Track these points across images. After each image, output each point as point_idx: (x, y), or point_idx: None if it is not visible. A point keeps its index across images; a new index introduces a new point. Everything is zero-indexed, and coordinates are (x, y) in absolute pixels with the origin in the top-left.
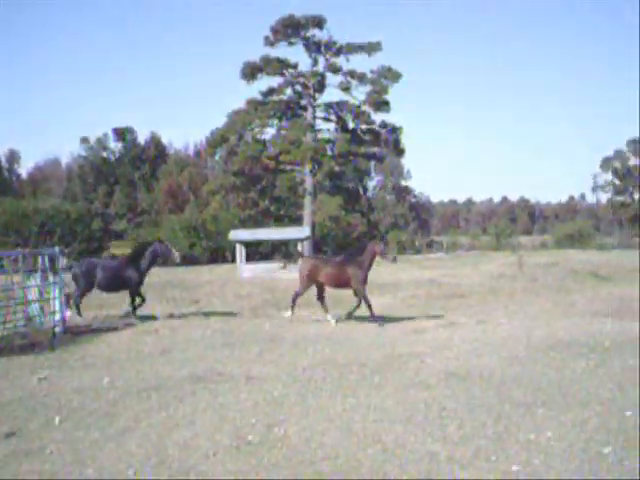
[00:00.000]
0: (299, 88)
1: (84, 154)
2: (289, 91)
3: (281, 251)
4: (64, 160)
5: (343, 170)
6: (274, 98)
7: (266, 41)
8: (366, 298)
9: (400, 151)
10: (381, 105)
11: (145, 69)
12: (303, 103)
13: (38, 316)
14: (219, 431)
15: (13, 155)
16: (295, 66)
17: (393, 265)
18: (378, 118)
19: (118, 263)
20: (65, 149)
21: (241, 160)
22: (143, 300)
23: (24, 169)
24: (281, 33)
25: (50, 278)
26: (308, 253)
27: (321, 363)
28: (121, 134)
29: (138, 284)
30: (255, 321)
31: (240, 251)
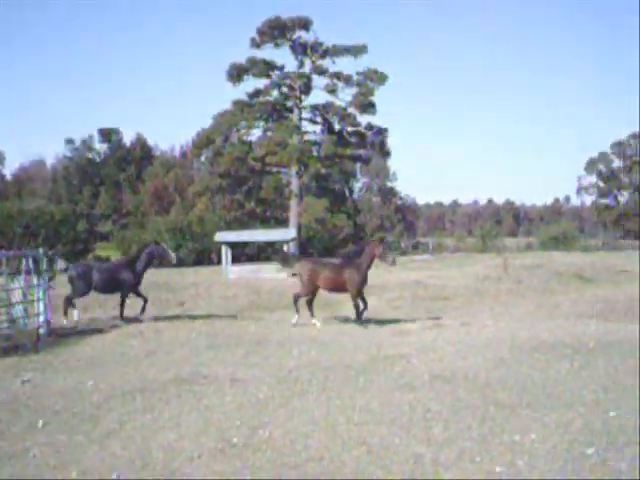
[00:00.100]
0: (285, 90)
1: (69, 155)
2: (275, 93)
3: (267, 253)
4: (49, 161)
5: (329, 172)
6: (260, 100)
7: (252, 43)
8: (356, 302)
9: (386, 153)
10: (367, 107)
11: (131, 70)
12: (289, 105)
13: (22, 318)
14: (204, 433)
15: None
16: (281, 68)
17: (392, 267)
18: (364, 120)
19: (114, 265)
20: (50, 150)
21: (227, 162)
22: (145, 300)
23: (8, 170)
24: (267, 35)
25: (34, 280)
26: (293, 255)
27: (306, 365)
28: (107, 135)
29: (134, 286)
30: (241, 323)
31: (226, 253)
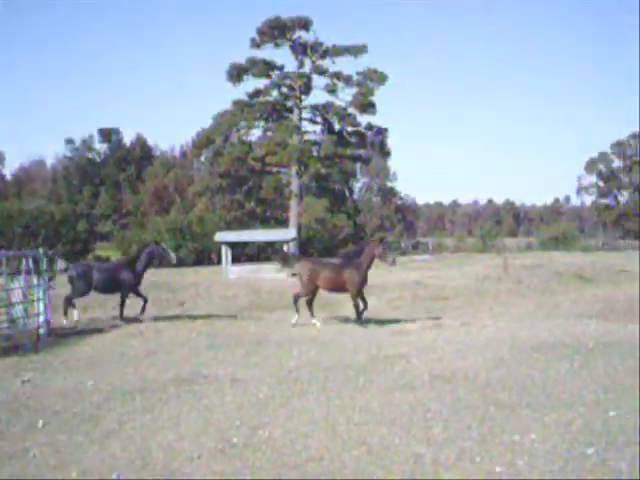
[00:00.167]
0: (285, 90)
1: (69, 155)
2: (275, 93)
3: (267, 253)
4: (49, 161)
5: (329, 172)
6: (260, 100)
7: (252, 43)
8: (356, 302)
9: (386, 153)
10: (367, 107)
11: (131, 70)
12: (289, 105)
13: (22, 318)
14: (204, 434)
15: None
16: (281, 68)
17: (392, 267)
18: (364, 120)
19: (114, 265)
20: (50, 150)
21: (227, 162)
22: (145, 300)
23: (8, 170)
24: (267, 35)
25: (34, 280)
26: (293, 255)
27: (306, 365)
28: (107, 135)
29: (134, 286)
30: (241, 323)
31: (226, 253)
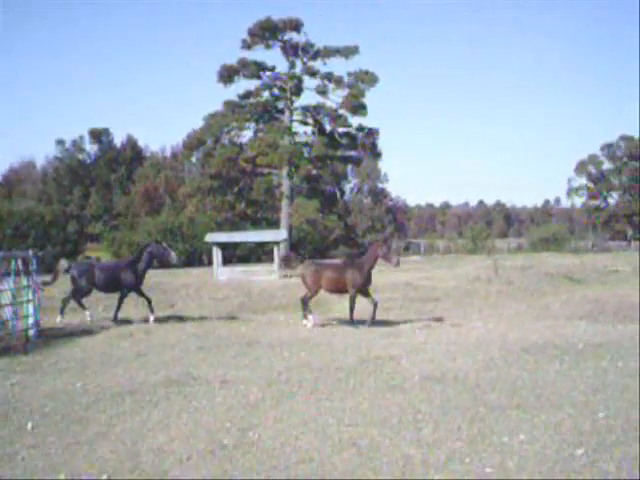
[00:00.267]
0: (276, 91)
1: (59, 156)
2: (266, 94)
3: (258, 254)
4: (39, 162)
5: (320, 173)
6: (251, 101)
7: (243, 44)
8: (352, 303)
9: (377, 154)
10: (358, 108)
11: (122, 71)
12: (280, 106)
13: (11, 320)
14: (193, 435)
15: None
16: (272, 69)
17: (395, 268)
18: (355, 121)
19: (116, 265)
20: (40, 151)
21: (218, 163)
22: (149, 300)
23: None
24: (258, 36)
25: (24, 281)
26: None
27: (297, 367)
28: (97, 136)
29: (135, 286)
30: (231, 324)
31: (217, 254)
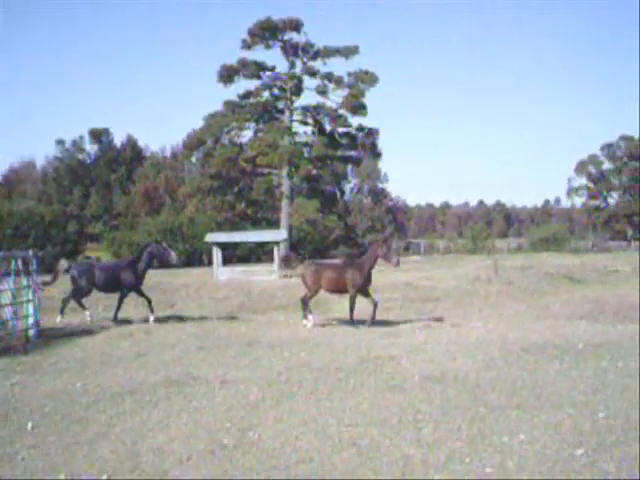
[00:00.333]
0: (276, 91)
1: (59, 156)
2: (266, 94)
3: (258, 254)
4: (39, 162)
5: (320, 173)
6: (251, 101)
7: (243, 44)
8: (352, 303)
9: (377, 154)
10: (358, 108)
11: (121, 71)
12: (280, 106)
13: (11, 320)
14: (193, 435)
15: None
16: (272, 69)
17: (395, 268)
18: (355, 121)
19: (116, 264)
20: (40, 151)
21: (218, 163)
22: (149, 300)
23: None
24: (258, 36)
25: (23, 281)
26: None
27: (297, 367)
28: (97, 136)
29: (135, 286)
30: (231, 324)
31: (217, 254)
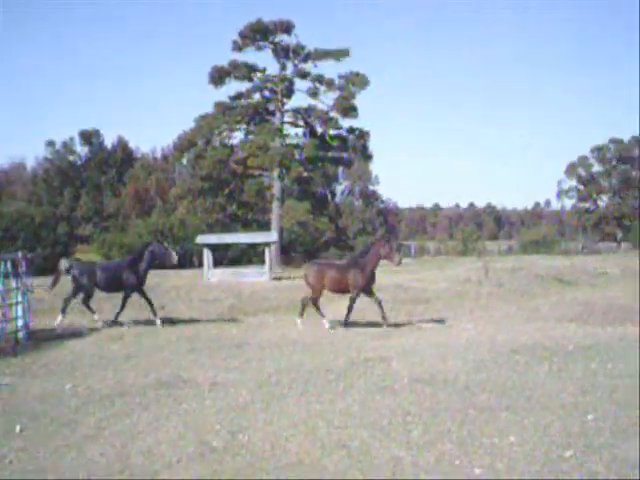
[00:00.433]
0: (267, 93)
1: (50, 157)
2: (257, 96)
3: (249, 255)
4: (29, 164)
5: (311, 175)
6: (242, 102)
7: (234, 46)
8: (352, 303)
9: (368, 156)
10: (349, 110)
11: (113, 72)
12: (271, 108)
13: (0, 322)
14: (183, 438)
15: None
16: (263, 71)
17: (398, 267)
18: (346, 123)
19: (117, 265)
20: (30, 152)
21: (209, 165)
22: (150, 303)
23: None
24: (249, 38)
25: (13, 283)
26: (276, 258)
27: (287, 369)
28: (88, 137)
29: (137, 286)
30: (221, 326)
31: (207, 256)
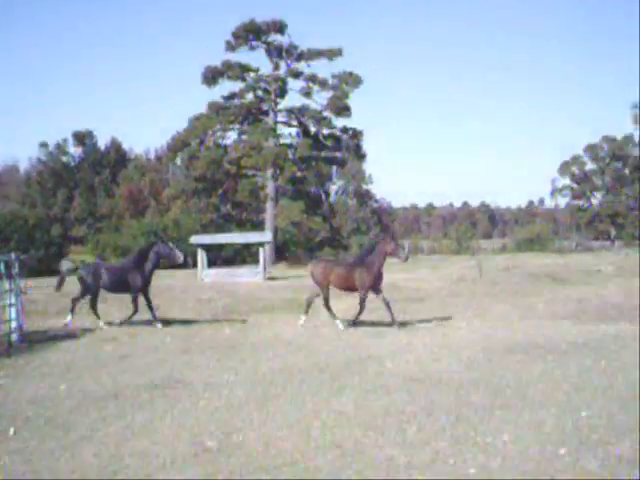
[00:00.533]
0: (260, 93)
1: (43, 159)
2: (250, 96)
3: (243, 256)
4: (23, 165)
5: (305, 175)
6: (235, 102)
7: (227, 46)
8: (362, 303)
9: (361, 156)
10: (342, 110)
11: (106, 73)
12: (265, 108)
13: None
14: (177, 439)
15: None
16: (256, 71)
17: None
18: (339, 123)
19: (122, 266)
20: (24, 154)
21: (202, 165)
22: (150, 306)
23: None
24: (242, 38)
25: (6, 285)
26: (270, 258)
27: (281, 369)
28: (81, 139)
29: (143, 287)
30: (216, 326)
31: (201, 256)
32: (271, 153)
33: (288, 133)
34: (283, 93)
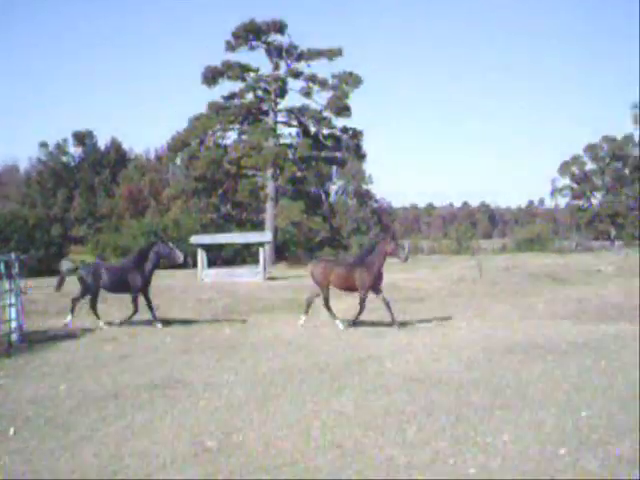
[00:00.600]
0: (260, 93)
1: (43, 159)
2: (250, 96)
3: (243, 256)
4: (22, 165)
5: (305, 175)
6: (235, 102)
7: (227, 46)
8: (362, 303)
9: (361, 156)
10: (342, 110)
11: (106, 73)
12: (265, 108)
13: None
14: (177, 439)
15: None
16: (256, 71)
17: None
18: (339, 123)
19: (122, 266)
20: (24, 154)
21: (202, 165)
22: (151, 307)
23: None
24: (242, 38)
25: (6, 285)
26: (270, 258)
27: (281, 368)
28: (81, 139)
29: (143, 287)
30: (215, 326)
31: (201, 256)
32: (271, 153)
33: (288, 133)
34: (283, 93)
